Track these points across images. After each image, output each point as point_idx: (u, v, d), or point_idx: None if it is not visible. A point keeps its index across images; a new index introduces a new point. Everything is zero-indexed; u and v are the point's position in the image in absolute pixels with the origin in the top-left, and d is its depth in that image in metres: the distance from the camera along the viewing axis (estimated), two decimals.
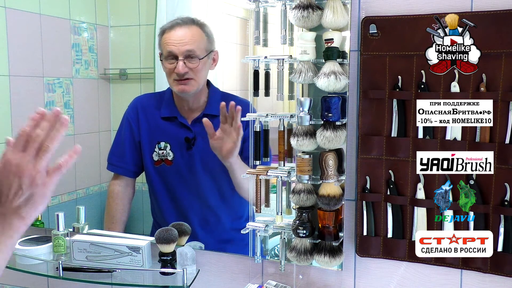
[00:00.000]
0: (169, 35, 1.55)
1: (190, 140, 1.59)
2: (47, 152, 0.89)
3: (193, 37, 1.54)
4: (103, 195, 1.79)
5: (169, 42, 1.54)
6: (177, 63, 1.52)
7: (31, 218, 0.90)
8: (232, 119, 1.45)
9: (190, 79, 1.54)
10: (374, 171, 1.30)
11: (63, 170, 0.91)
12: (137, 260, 1.49)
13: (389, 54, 1.25)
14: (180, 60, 1.51)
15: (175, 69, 1.52)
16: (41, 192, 0.89)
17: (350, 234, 1.37)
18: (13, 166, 0.88)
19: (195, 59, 1.53)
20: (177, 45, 1.52)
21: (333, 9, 1.23)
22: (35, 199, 0.89)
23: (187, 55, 1.52)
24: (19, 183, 0.88)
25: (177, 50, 1.52)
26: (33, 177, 0.88)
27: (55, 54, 1.84)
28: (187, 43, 1.52)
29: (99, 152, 1.81)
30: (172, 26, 1.55)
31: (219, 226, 1.66)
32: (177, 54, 1.52)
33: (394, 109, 1.27)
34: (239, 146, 1.48)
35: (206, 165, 1.58)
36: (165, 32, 1.56)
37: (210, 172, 1.59)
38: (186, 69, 1.52)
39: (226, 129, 1.47)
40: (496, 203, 1.22)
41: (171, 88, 1.60)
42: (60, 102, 1.82)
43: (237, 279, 1.52)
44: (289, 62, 1.33)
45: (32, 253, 1.56)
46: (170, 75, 1.55)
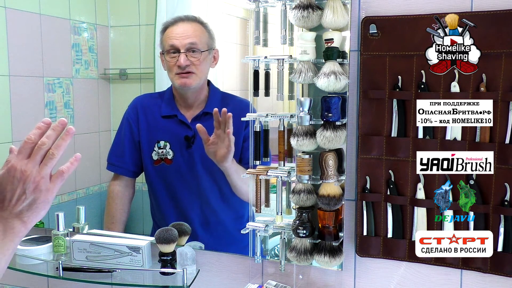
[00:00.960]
0: (171, 29, 1.58)
1: (190, 138, 1.60)
2: (52, 159, 0.91)
3: (195, 32, 1.57)
4: (103, 195, 1.79)
5: (172, 36, 1.57)
6: (179, 56, 1.54)
7: (32, 223, 0.91)
8: (225, 125, 1.46)
9: (192, 73, 1.56)
10: (374, 171, 1.30)
11: (65, 176, 0.93)
12: (137, 260, 1.49)
13: (389, 54, 1.25)
14: (182, 53, 1.54)
15: (176, 62, 1.54)
16: (44, 197, 0.91)
17: (350, 234, 1.37)
18: (18, 171, 0.89)
19: (197, 53, 1.55)
20: (179, 38, 1.55)
21: (333, 9, 1.23)
22: (37, 204, 0.91)
23: (189, 48, 1.54)
24: (23, 188, 0.89)
25: (179, 43, 1.55)
26: (37, 183, 0.90)
27: (55, 54, 1.84)
28: (189, 36, 1.55)
29: (99, 152, 1.81)
30: (174, 22, 1.59)
31: (219, 226, 1.66)
32: (179, 47, 1.54)
33: (394, 109, 1.27)
34: (233, 151, 1.49)
35: (206, 163, 1.58)
36: (168, 27, 1.59)
37: (210, 171, 1.59)
38: (188, 62, 1.54)
39: (219, 135, 1.49)
40: (496, 203, 1.22)
41: (172, 82, 1.61)
42: (60, 102, 1.82)
43: (237, 279, 1.52)
44: (289, 62, 1.33)
45: (32, 253, 1.56)
46: (172, 69, 1.57)
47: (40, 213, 0.91)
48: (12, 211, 0.89)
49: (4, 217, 0.90)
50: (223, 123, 1.47)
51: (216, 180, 1.61)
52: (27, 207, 0.90)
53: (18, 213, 0.90)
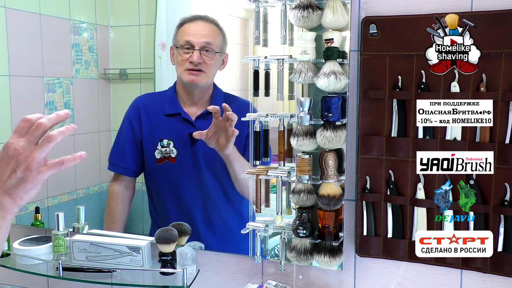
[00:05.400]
0: (188, 26, 1.59)
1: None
2: (49, 142, 0.91)
3: (211, 32, 1.58)
4: (103, 195, 1.79)
5: (188, 32, 1.58)
6: (193, 53, 1.55)
7: (22, 200, 0.91)
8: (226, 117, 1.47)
9: (202, 71, 1.57)
10: (374, 171, 1.30)
11: (63, 167, 0.92)
12: (137, 260, 1.49)
13: (389, 54, 1.25)
14: (196, 50, 1.55)
15: (189, 58, 1.55)
16: (34, 178, 0.91)
17: (350, 234, 1.37)
18: (11, 149, 0.90)
19: (210, 52, 1.56)
20: (195, 36, 1.56)
21: (333, 9, 1.23)
22: (26, 184, 0.90)
23: (204, 47, 1.56)
24: (14, 166, 0.90)
25: (195, 40, 1.56)
26: (29, 163, 0.90)
27: (55, 54, 1.84)
28: (206, 35, 1.57)
29: (99, 152, 1.81)
30: (193, 19, 1.60)
31: (222, 225, 1.66)
32: (195, 44, 1.55)
33: (394, 109, 1.27)
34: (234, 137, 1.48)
35: (209, 161, 1.58)
36: (185, 23, 1.60)
37: (213, 170, 1.60)
38: (200, 60, 1.55)
39: (219, 124, 1.49)
40: (496, 203, 1.22)
41: (180, 78, 1.61)
42: (60, 102, 1.82)
43: (237, 279, 1.53)
44: (289, 62, 1.33)
45: (32, 253, 1.56)
46: (183, 64, 1.57)
47: (29, 192, 0.91)
48: (2, 187, 0.90)
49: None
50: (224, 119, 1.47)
51: (220, 179, 1.61)
52: (16, 184, 0.90)
53: (7, 190, 0.90)
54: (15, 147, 0.90)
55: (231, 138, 1.48)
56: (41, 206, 1.77)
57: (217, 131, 1.50)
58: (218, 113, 1.47)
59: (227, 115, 1.45)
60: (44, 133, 0.92)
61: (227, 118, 1.46)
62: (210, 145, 1.53)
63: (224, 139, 1.49)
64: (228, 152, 1.51)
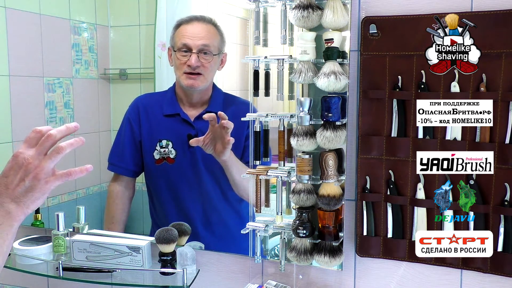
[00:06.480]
0: (185, 28, 1.57)
1: (192, 137, 1.59)
2: (58, 153, 0.93)
3: (209, 33, 1.57)
4: (103, 195, 1.79)
5: (185, 34, 1.56)
6: (191, 56, 1.54)
7: (28, 209, 0.93)
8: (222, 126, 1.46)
9: (200, 75, 1.56)
10: (374, 171, 1.30)
11: (71, 178, 0.95)
12: (137, 260, 1.49)
13: (389, 54, 1.25)
14: (194, 53, 1.53)
15: (187, 61, 1.54)
16: (42, 188, 0.93)
17: (350, 234, 1.37)
18: (21, 158, 0.92)
19: (208, 55, 1.55)
20: (193, 38, 1.54)
21: (333, 9, 1.23)
22: (34, 192, 0.93)
23: (201, 50, 1.54)
24: (23, 175, 0.92)
25: (192, 43, 1.54)
26: (37, 173, 0.92)
27: (55, 54, 1.84)
28: (203, 37, 1.55)
29: (99, 152, 1.81)
30: (190, 20, 1.58)
31: (221, 225, 1.66)
32: (192, 47, 1.54)
33: (394, 109, 1.27)
34: (231, 144, 1.48)
35: (208, 162, 1.58)
36: (182, 25, 1.58)
37: (212, 170, 1.60)
38: (198, 63, 1.54)
39: (215, 130, 1.48)
40: (496, 203, 1.22)
41: (178, 81, 1.60)
42: (60, 102, 1.82)
43: (237, 279, 1.52)
44: (289, 62, 1.33)
45: (32, 253, 1.56)
46: (181, 68, 1.56)
47: (36, 201, 0.94)
48: (10, 195, 0.92)
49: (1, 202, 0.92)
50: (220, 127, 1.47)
51: (219, 179, 1.61)
52: (24, 192, 0.92)
53: (15, 198, 0.92)
54: (24, 156, 0.92)
55: (227, 145, 1.48)
56: (41, 206, 1.77)
57: (214, 137, 1.50)
58: (214, 120, 1.47)
59: (223, 123, 1.45)
60: (53, 144, 0.94)
61: (223, 126, 1.46)
62: (207, 151, 1.52)
63: (221, 146, 1.49)
64: (225, 158, 1.51)
